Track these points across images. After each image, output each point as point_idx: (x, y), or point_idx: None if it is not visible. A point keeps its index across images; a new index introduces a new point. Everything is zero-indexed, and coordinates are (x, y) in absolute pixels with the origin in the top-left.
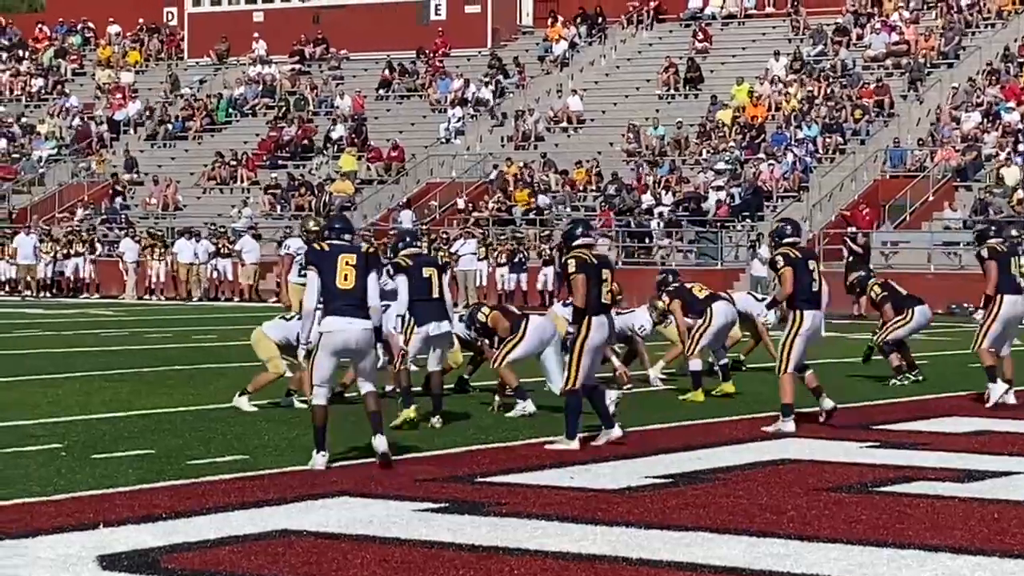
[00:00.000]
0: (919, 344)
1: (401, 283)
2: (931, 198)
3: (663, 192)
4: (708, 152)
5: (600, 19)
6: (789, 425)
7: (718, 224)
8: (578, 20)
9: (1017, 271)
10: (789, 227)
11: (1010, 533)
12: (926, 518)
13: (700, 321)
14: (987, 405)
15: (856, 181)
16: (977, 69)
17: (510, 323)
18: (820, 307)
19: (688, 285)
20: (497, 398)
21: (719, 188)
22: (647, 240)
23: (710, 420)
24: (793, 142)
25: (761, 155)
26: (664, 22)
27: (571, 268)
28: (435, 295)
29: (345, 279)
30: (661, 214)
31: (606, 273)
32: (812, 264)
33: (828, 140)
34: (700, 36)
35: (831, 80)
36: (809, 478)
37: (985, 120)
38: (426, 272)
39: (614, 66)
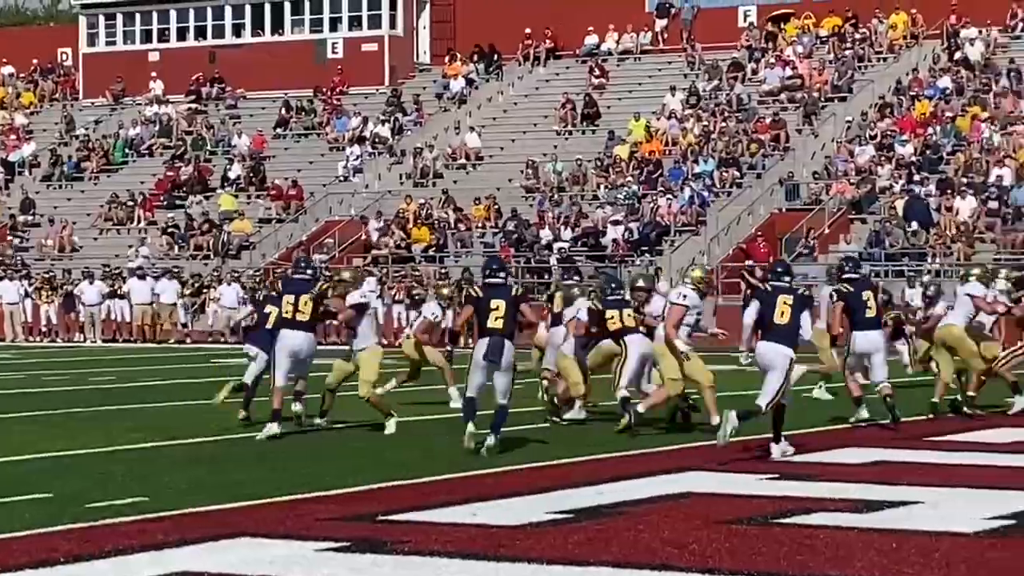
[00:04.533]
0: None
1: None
2: (827, 231)
3: (562, 227)
4: (606, 187)
5: (496, 56)
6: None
7: (617, 259)
8: (475, 57)
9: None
10: (848, 264)
11: (909, 563)
12: (826, 549)
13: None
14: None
15: (753, 215)
16: (870, 103)
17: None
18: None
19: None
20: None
21: (617, 223)
22: (546, 276)
23: (614, 454)
24: (690, 177)
25: (659, 190)
26: (561, 58)
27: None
28: None
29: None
30: (560, 249)
31: (496, 303)
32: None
33: (725, 174)
34: (596, 72)
35: (727, 115)
36: (710, 511)
37: (879, 153)
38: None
39: (511, 103)
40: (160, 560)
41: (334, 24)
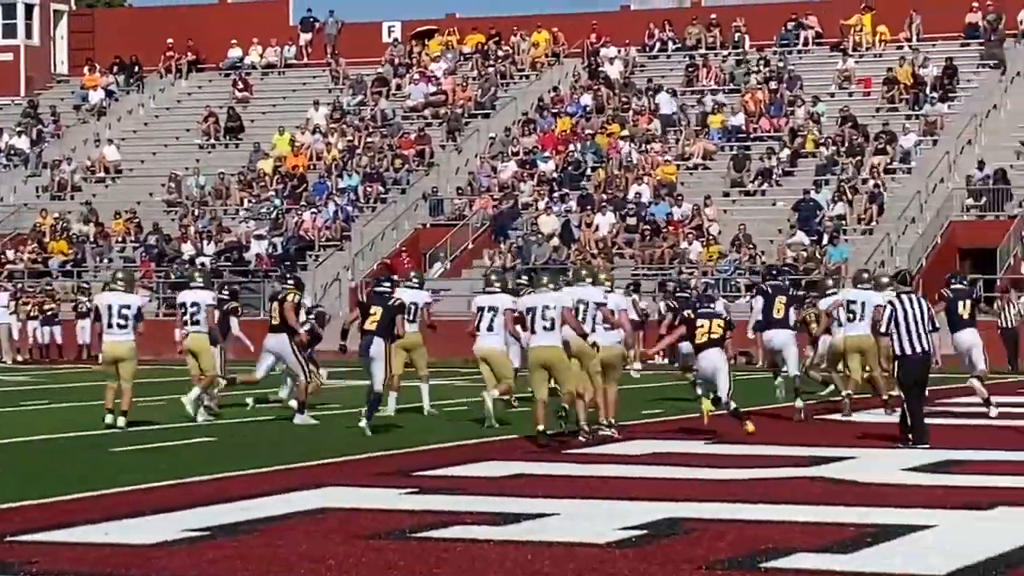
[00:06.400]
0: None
1: None
2: (470, 246)
3: (205, 242)
4: (250, 202)
5: (137, 68)
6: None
7: (261, 274)
8: (115, 69)
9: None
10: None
11: (543, 574)
12: (463, 562)
13: None
14: None
15: (397, 230)
16: (513, 119)
17: None
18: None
19: None
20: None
21: (261, 238)
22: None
23: (251, 471)
24: (335, 191)
25: (303, 204)
26: (203, 71)
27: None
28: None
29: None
30: (203, 264)
31: (375, 309)
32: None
33: (369, 189)
34: (240, 85)
35: (371, 130)
36: (348, 526)
37: (521, 169)
38: None
39: (153, 115)
40: None
41: None
